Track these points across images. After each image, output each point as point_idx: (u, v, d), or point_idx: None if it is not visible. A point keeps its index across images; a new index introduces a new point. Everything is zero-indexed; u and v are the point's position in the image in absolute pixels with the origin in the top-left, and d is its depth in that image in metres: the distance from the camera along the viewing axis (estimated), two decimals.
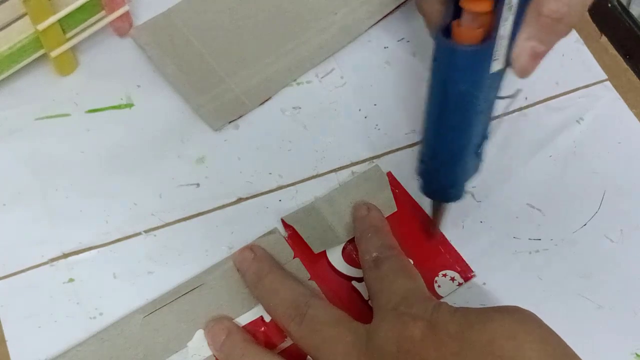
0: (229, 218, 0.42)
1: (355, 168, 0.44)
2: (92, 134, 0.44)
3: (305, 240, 0.41)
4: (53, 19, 0.42)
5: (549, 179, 0.45)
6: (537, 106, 0.47)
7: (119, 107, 0.45)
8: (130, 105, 0.45)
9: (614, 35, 0.50)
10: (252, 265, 0.39)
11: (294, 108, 0.46)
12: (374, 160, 0.44)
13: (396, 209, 0.42)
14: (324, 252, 0.41)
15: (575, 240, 0.43)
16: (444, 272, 0.41)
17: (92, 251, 0.41)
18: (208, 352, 0.38)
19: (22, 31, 0.42)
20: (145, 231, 0.41)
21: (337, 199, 0.42)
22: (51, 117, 0.44)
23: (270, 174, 0.44)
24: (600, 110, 0.47)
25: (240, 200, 0.43)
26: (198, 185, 0.43)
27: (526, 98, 0.47)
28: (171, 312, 0.39)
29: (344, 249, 0.41)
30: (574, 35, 0.50)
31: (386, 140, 0.45)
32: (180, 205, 0.42)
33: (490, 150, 0.45)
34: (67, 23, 0.43)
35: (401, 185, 0.43)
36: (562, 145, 0.46)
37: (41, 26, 0.42)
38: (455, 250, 0.42)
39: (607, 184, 0.45)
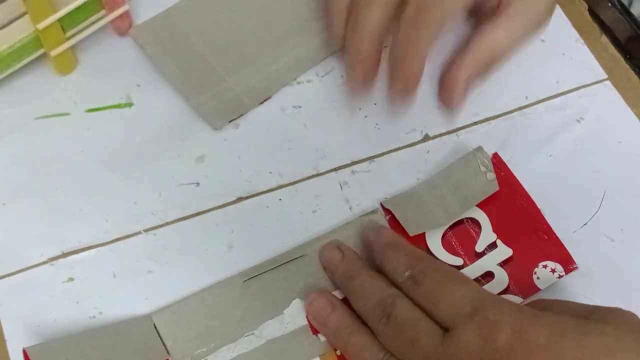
0: (229, 217, 0.42)
1: (355, 167, 0.44)
2: (91, 133, 0.44)
3: (401, 223, 0.40)
4: (53, 18, 0.42)
5: (549, 179, 0.45)
6: (537, 105, 0.47)
7: (118, 106, 0.45)
8: (130, 105, 0.45)
9: (615, 34, 0.50)
10: (341, 266, 0.39)
11: (294, 107, 0.46)
12: (374, 160, 0.44)
13: (498, 188, 0.41)
14: (424, 239, 0.40)
15: (576, 239, 0.43)
16: (544, 262, 0.40)
17: (92, 250, 0.41)
18: (303, 321, 0.38)
19: (22, 30, 0.42)
20: (145, 230, 0.41)
21: (438, 183, 0.42)
22: (51, 116, 0.44)
23: (270, 173, 0.44)
24: (601, 109, 0.47)
25: (240, 199, 0.43)
26: (198, 184, 0.43)
27: (526, 97, 0.47)
28: (270, 279, 0.39)
29: (443, 235, 0.40)
30: (574, 34, 0.50)
31: (386, 139, 0.45)
32: (180, 205, 0.42)
33: (491, 149, 0.45)
34: (67, 22, 0.43)
35: (507, 167, 0.43)
36: (562, 145, 0.46)
37: (41, 25, 0.41)
38: (559, 240, 0.40)
39: (608, 184, 0.45)
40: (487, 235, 0.41)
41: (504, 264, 0.40)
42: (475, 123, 0.46)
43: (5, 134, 0.43)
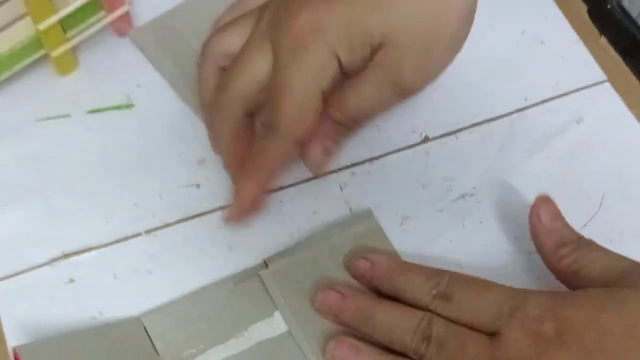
0: None
1: (355, 169, 0.44)
2: (92, 135, 0.44)
3: None
4: (54, 18, 0.42)
5: (549, 180, 0.45)
6: (536, 107, 0.47)
7: (119, 107, 0.45)
8: (130, 106, 0.45)
9: (614, 36, 0.50)
10: (348, 307, 0.37)
11: None
12: (374, 161, 0.44)
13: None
14: None
15: None
16: None
17: (93, 251, 0.41)
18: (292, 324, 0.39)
19: (23, 31, 0.42)
20: (146, 231, 0.41)
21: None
22: (52, 118, 0.44)
23: None
24: (600, 111, 0.47)
25: None
26: (198, 186, 0.43)
27: (526, 99, 0.47)
28: (261, 281, 0.39)
29: None
30: (573, 36, 0.50)
31: (386, 141, 0.45)
32: (180, 206, 0.42)
33: (491, 150, 0.45)
34: (67, 23, 0.43)
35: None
36: (561, 146, 0.46)
37: (42, 26, 0.42)
38: None
39: (607, 185, 0.45)
40: None
41: None
42: (475, 124, 0.46)
43: (7, 135, 0.44)
